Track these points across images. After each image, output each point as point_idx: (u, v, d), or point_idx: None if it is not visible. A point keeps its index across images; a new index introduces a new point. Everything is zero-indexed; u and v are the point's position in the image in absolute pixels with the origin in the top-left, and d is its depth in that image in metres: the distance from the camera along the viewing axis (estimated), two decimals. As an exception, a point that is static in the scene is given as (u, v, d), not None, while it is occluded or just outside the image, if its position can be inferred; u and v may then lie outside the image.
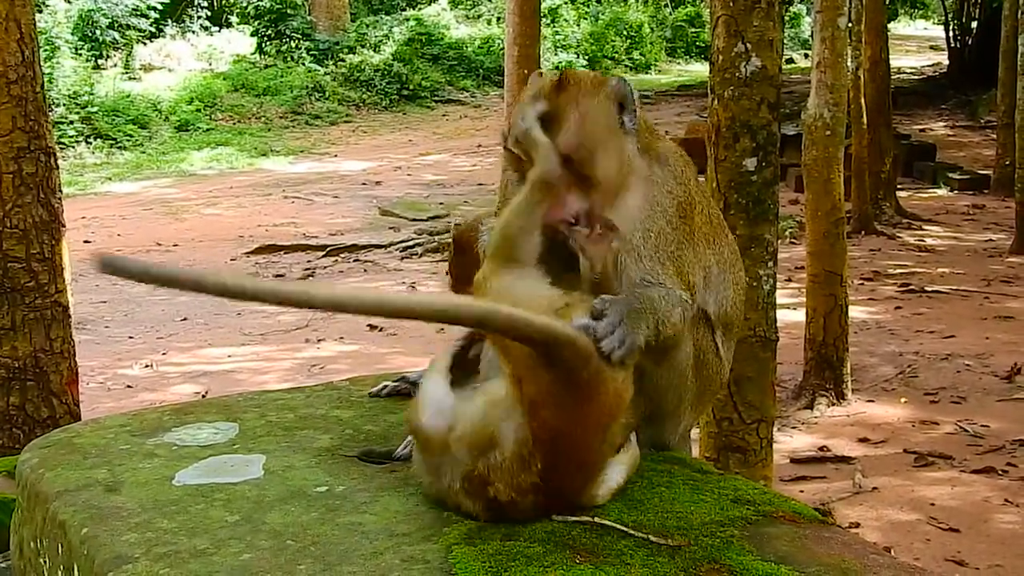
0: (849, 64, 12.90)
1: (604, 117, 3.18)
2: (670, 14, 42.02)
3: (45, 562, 3.11)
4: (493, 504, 2.75)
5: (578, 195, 3.10)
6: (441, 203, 20.37)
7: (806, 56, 33.06)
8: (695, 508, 2.91)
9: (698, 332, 3.28)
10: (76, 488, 3.09)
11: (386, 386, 3.81)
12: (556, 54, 36.12)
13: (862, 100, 16.80)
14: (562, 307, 2.81)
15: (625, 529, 2.74)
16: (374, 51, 34.30)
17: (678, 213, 3.22)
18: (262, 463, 3.19)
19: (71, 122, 25.82)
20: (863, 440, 9.61)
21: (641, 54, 39.47)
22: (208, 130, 28.42)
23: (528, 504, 2.74)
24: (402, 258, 16.87)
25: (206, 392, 10.72)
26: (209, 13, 35.74)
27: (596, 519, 2.78)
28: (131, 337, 13.16)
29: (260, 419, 3.55)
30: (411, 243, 17.53)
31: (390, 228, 18.90)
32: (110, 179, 24.08)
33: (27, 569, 3.29)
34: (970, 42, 31.73)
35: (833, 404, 10.35)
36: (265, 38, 33.73)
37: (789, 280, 13.50)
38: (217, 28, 35.39)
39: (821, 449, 9.44)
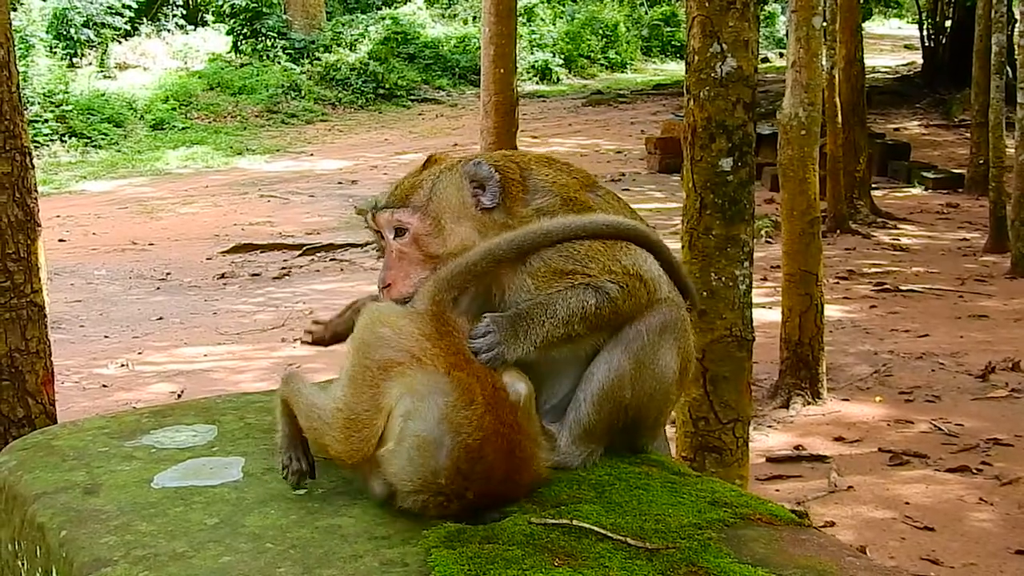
0: (824, 63, 12.96)
1: (457, 193, 3.22)
2: (646, 13, 42.07)
3: (23, 564, 3.11)
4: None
5: (426, 270, 3.20)
6: (417, 202, 20.30)
7: (781, 55, 33.16)
8: (673, 511, 2.93)
9: (687, 341, 3.29)
10: (54, 490, 3.08)
11: None
12: (532, 53, 36.14)
13: (837, 99, 16.87)
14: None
15: (603, 532, 2.75)
16: (350, 50, 34.26)
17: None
18: (241, 466, 3.19)
19: (46, 121, 25.68)
20: (838, 439, 9.64)
21: (617, 53, 39.52)
22: (183, 129, 28.32)
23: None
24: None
25: (182, 392, 10.70)
26: (184, 11, 35.62)
27: (574, 521, 2.79)
28: (106, 336, 13.11)
29: (239, 421, 3.55)
30: (387, 242, 17.48)
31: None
32: (85, 178, 23.98)
33: (4, 571, 3.28)
34: (944, 41, 31.87)
35: (808, 403, 10.39)
36: (241, 37, 33.62)
37: (764, 279, 13.54)
38: (192, 27, 35.29)
39: (796, 448, 9.48)
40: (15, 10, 25.80)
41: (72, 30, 30.07)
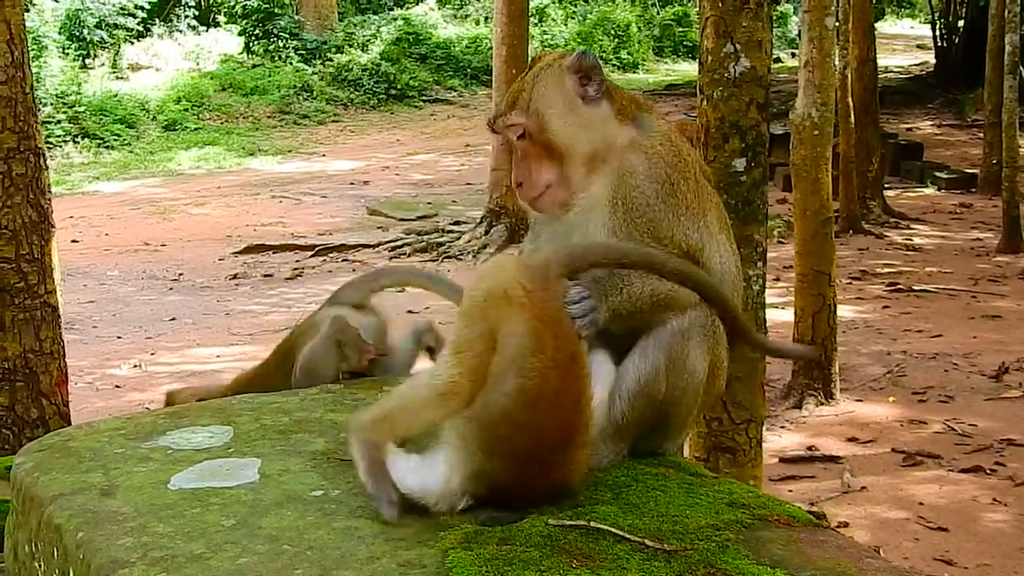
0: (836, 63, 12.93)
1: (559, 87, 3.32)
2: (657, 13, 41.97)
3: (40, 566, 3.11)
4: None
5: (548, 168, 3.28)
6: (429, 203, 20.36)
7: (793, 55, 33.08)
8: (690, 512, 2.93)
9: (716, 345, 3.29)
10: (71, 492, 3.09)
11: None
12: (544, 53, 36.07)
13: (849, 99, 16.84)
14: None
15: (621, 533, 2.75)
16: (362, 50, 34.26)
17: (665, 183, 3.31)
18: (257, 467, 3.19)
19: (59, 122, 25.74)
20: (852, 439, 9.63)
21: (629, 53, 39.42)
22: (196, 129, 28.37)
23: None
24: (390, 258, 16.86)
25: (195, 392, 10.70)
26: (196, 12, 35.66)
27: (592, 523, 2.79)
28: (119, 337, 13.14)
29: (255, 422, 3.55)
30: (399, 243, 17.53)
31: (378, 228, 18.89)
32: (98, 179, 24.05)
33: (21, 573, 3.28)
34: (957, 41, 31.73)
35: (821, 403, 10.38)
36: (253, 37, 33.66)
37: (777, 280, 13.51)
38: (205, 27, 35.31)
39: (810, 449, 9.47)
40: (28, 11, 25.85)
41: (85, 31, 30.12)
